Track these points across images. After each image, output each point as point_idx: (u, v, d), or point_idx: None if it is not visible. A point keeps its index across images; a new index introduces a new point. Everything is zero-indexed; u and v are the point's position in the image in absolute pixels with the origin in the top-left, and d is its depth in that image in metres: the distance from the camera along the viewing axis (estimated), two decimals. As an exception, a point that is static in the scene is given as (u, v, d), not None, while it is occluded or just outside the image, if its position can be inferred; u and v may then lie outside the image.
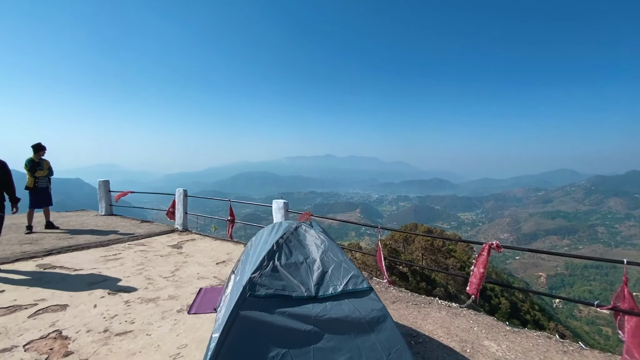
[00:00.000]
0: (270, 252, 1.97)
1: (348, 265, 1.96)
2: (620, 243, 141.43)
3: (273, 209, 6.15)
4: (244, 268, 2.16)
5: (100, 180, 10.53)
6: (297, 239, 2.16)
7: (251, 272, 1.87)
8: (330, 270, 1.91)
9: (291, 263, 1.92)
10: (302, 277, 1.86)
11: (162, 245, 6.68)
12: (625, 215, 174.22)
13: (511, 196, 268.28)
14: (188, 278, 4.78)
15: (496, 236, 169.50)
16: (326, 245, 2.09)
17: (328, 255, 2.00)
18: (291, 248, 2.04)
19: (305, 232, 2.25)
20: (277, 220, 6.08)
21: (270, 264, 1.90)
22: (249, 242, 2.99)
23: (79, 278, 4.65)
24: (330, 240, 2.20)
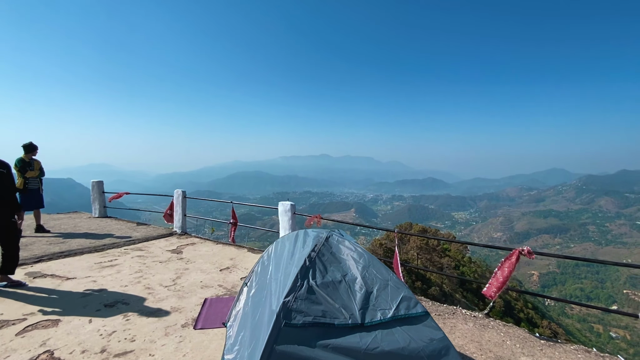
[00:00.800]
0: (303, 269, 1.67)
1: (396, 284, 1.67)
2: (611, 241, 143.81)
3: (279, 212, 5.84)
4: (269, 287, 1.85)
5: (93, 180, 10.10)
6: (330, 251, 1.87)
7: (283, 294, 1.57)
8: (375, 290, 1.63)
9: (328, 282, 1.63)
10: (344, 300, 1.57)
11: (160, 250, 6.32)
12: (615, 214, 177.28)
13: (504, 195, 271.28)
14: (191, 287, 4.45)
15: (489, 235, 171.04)
16: (366, 259, 1.81)
17: (370, 272, 1.71)
18: (325, 263, 1.75)
19: (339, 243, 1.95)
20: (284, 224, 5.77)
21: (304, 283, 1.60)
22: (265, 253, 2.68)
23: (72, 288, 4.29)
24: (369, 254, 1.91)
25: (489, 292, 3.40)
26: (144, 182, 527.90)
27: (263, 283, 2.32)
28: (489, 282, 3.44)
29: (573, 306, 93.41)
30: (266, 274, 2.38)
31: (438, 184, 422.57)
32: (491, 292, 3.37)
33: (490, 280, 3.43)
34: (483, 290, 3.46)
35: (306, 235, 2.15)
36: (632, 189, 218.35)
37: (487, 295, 3.43)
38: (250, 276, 2.93)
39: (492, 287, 3.36)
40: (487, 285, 3.43)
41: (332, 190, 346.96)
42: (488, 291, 3.40)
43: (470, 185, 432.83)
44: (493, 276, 3.40)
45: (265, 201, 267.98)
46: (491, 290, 3.36)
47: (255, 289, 2.51)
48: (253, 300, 2.41)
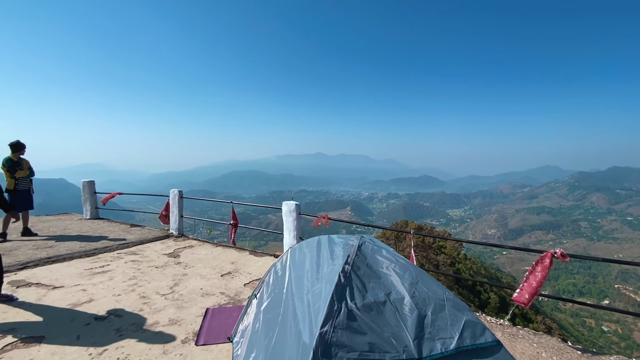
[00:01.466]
0: (339, 287, 1.34)
1: (455, 305, 1.36)
2: (602, 237, 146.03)
3: (283, 212, 5.50)
4: (290, 305, 1.52)
5: (84, 180, 9.65)
6: (366, 263, 1.54)
7: (317, 322, 1.24)
8: (430, 313, 1.31)
9: (370, 304, 1.30)
10: (392, 327, 1.25)
11: (156, 253, 5.94)
12: (606, 210, 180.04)
13: (498, 193, 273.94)
14: (190, 295, 4.10)
15: (484, 232, 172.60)
16: (412, 272, 1.49)
17: (420, 289, 1.39)
18: (363, 279, 1.42)
19: (374, 252, 1.63)
20: (289, 225, 5.44)
21: (342, 307, 1.28)
22: (279, 262, 2.35)
23: (59, 298, 3.90)
24: (415, 265, 1.60)
25: (520, 298, 3.09)
26: (137, 182, 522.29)
27: (279, 298, 2.00)
28: (520, 288, 3.15)
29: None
30: (282, 286, 2.05)
31: (433, 182, 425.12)
32: (523, 298, 3.06)
33: (521, 285, 3.14)
34: (513, 297, 3.17)
35: (331, 242, 1.83)
36: (622, 185, 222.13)
37: (518, 302, 3.14)
38: (261, 287, 2.59)
39: (523, 294, 3.07)
40: (518, 291, 3.14)
41: (327, 188, 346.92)
42: (520, 298, 3.10)
43: (465, 182, 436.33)
44: (524, 281, 3.11)
45: (261, 200, 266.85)
46: (523, 296, 3.06)
47: (268, 302, 2.18)
48: (265, 315, 2.08)
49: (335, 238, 1.86)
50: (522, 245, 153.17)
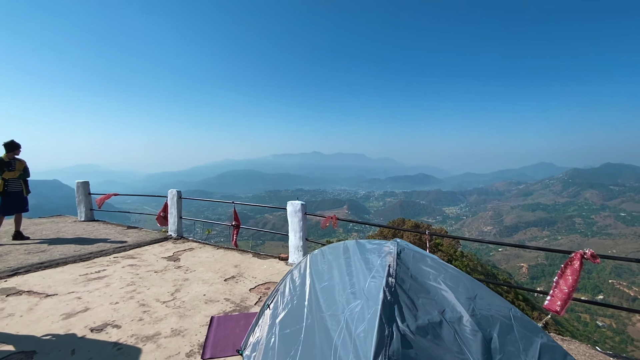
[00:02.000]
0: (386, 306, 1.12)
1: (525, 324, 1.14)
2: (597, 233, 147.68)
3: (288, 213, 5.27)
4: (318, 324, 1.30)
5: (78, 181, 9.34)
6: (409, 274, 1.32)
7: (368, 353, 1.01)
8: (495, 334, 1.09)
9: (424, 326, 1.08)
10: (454, 354, 1.03)
11: (155, 257, 5.68)
12: (600, 206, 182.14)
13: (493, 190, 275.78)
14: (193, 302, 3.86)
15: (480, 229, 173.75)
16: (466, 285, 1.27)
17: (480, 305, 1.18)
18: (409, 294, 1.21)
19: (417, 260, 1.41)
20: (294, 225, 5.20)
21: (394, 332, 1.05)
22: (296, 270, 2.12)
23: (52, 308, 3.65)
24: (468, 276, 1.38)
25: (552, 306, 2.88)
26: (133, 183, 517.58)
27: (298, 311, 1.78)
28: (551, 294, 2.94)
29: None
30: (302, 298, 1.83)
31: (429, 180, 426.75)
32: (555, 306, 2.85)
33: (552, 291, 2.93)
34: (545, 304, 2.97)
35: (362, 249, 1.61)
36: (616, 181, 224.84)
37: (550, 310, 2.94)
38: (275, 296, 2.36)
39: (555, 300, 2.86)
40: (550, 298, 2.94)
41: (324, 187, 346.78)
42: (551, 305, 2.89)
43: (461, 180, 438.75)
44: (554, 286, 2.91)
45: (258, 199, 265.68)
46: (555, 304, 2.86)
47: (285, 315, 1.96)
48: (282, 330, 1.86)
49: (366, 244, 1.64)
50: (517, 241, 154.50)
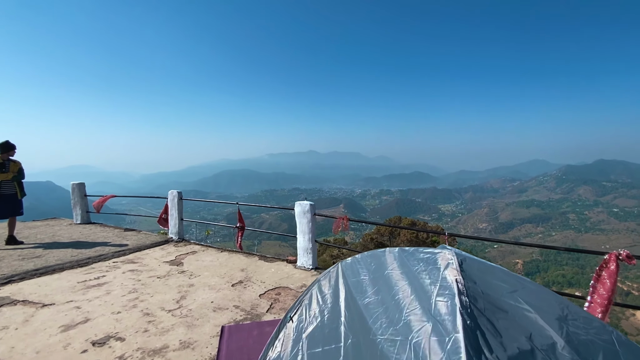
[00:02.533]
0: (468, 333, 0.92)
1: (632, 351, 0.96)
2: (590, 229, 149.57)
3: (296, 213, 5.06)
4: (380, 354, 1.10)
5: (73, 183, 9.03)
6: (478, 290, 1.13)
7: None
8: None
9: (516, 356, 0.89)
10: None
11: (156, 261, 5.44)
12: (593, 202, 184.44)
13: (488, 187, 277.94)
14: (201, 310, 3.64)
15: (475, 226, 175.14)
16: (552, 302, 1.08)
17: (575, 328, 0.99)
18: (487, 315, 1.02)
19: (482, 272, 1.22)
20: (303, 227, 4.99)
21: (483, 365, 0.86)
22: (325, 280, 1.92)
23: (49, 319, 3.41)
24: (549, 291, 1.19)
25: (593, 312, 2.67)
26: (127, 183, 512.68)
27: (333, 329, 1.58)
28: (590, 300, 2.75)
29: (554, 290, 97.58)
30: (337, 314, 1.64)
31: (424, 178, 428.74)
32: (596, 312, 2.66)
33: (590, 297, 2.75)
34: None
35: (409, 258, 1.41)
36: (608, 177, 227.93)
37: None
38: (298, 308, 2.16)
39: (595, 306, 2.68)
40: (589, 305, 2.75)
41: (320, 186, 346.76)
42: (592, 311, 2.67)
43: (456, 177, 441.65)
44: (592, 291, 2.72)
45: (254, 199, 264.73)
46: (595, 310, 2.67)
47: (314, 330, 1.77)
48: (312, 348, 1.66)
49: (415, 252, 1.44)
50: (512, 238, 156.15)
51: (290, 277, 4.62)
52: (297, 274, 4.75)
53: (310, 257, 4.90)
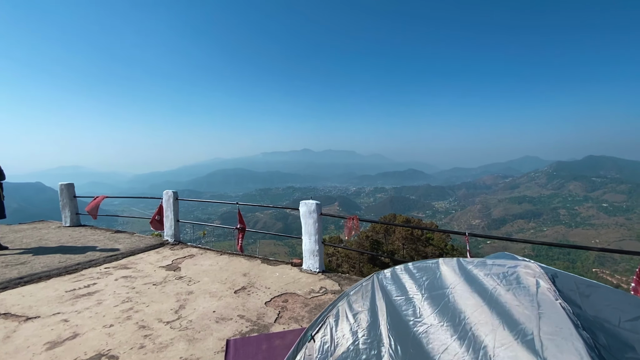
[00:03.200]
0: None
1: None
2: (580, 224, 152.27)
3: (302, 214, 4.76)
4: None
5: (61, 183, 8.59)
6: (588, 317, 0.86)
7: None
8: None
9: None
10: None
11: (152, 266, 5.10)
12: (583, 197, 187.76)
13: (481, 184, 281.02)
14: (202, 321, 3.33)
15: (468, 223, 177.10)
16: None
17: None
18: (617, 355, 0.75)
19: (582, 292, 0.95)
20: (309, 228, 4.70)
21: None
22: (358, 296, 1.64)
23: (33, 335, 3.07)
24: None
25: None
26: (119, 184, 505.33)
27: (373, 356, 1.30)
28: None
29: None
30: (377, 339, 1.37)
31: (418, 175, 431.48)
32: None
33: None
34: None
35: (479, 272, 1.14)
36: (598, 173, 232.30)
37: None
38: (321, 326, 1.88)
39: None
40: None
41: (315, 184, 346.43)
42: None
43: (449, 175, 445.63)
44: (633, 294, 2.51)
45: (249, 198, 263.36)
46: None
47: (342, 356, 1.49)
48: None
49: (480, 264, 1.17)
50: (504, 234, 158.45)
51: (297, 281, 4.33)
52: (303, 278, 4.46)
53: (317, 260, 4.61)
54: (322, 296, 3.86)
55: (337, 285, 4.19)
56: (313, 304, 3.65)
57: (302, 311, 3.48)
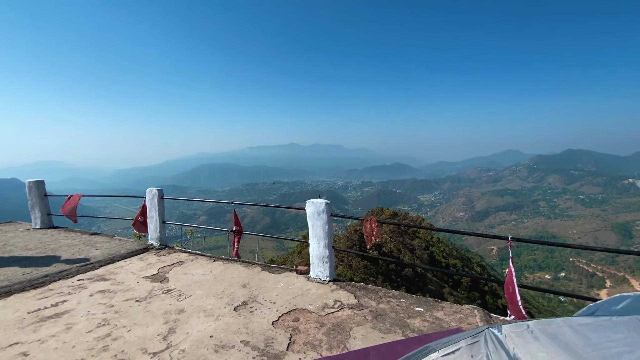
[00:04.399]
0: None
1: None
2: (559, 215, 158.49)
3: (309, 214, 4.17)
4: None
5: (30, 180, 7.69)
6: None
7: None
8: None
9: None
10: None
11: (134, 277, 4.41)
12: (562, 190, 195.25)
13: (465, 177, 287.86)
14: (197, 351, 2.72)
15: (453, 215, 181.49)
16: None
17: None
18: None
19: None
20: (318, 231, 4.11)
21: None
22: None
23: (-21, 378, 2.40)
24: None
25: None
26: (100, 180, 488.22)
27: None
28: None
29: (528, 274, 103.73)
30: None
31: (404, 169, 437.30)
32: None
33: None
34: None
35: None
36: (575, 166, 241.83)
37: None
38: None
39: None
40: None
41: (302, 179, 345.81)
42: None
43: (434, 168, 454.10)
44: None
45: (235, 193, 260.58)
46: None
47: None
48: None
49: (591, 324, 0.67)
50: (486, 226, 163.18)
51: (306, 294, 3.76)
52: (313, 289, 3.89)
53: (327, 268, 4.05)
54: (338, 312, 3.31)
55: (353, 297, 3.65)
56: (330, 323, 3.10)
57: (319, 333, 2.93)
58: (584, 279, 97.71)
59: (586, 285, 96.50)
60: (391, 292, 3.74)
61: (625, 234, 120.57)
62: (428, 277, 41.24)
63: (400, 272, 34.25)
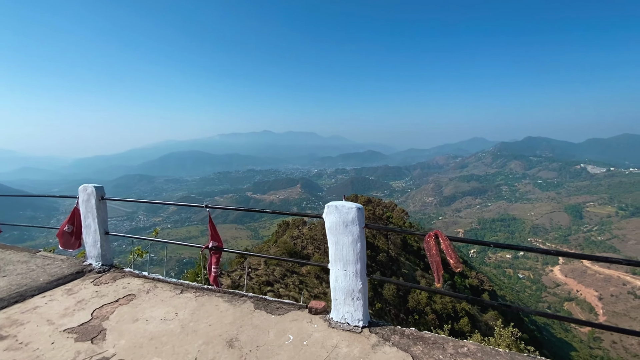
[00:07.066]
0: None
1: None
2: (519, 199, 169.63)
3: (328, 226, 2.70)
4: None
5: None
6: None
7: None
8: None
9: None
10: None
11: (50, 329, 2.73)
12: (522, 175, 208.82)
13: (434, 164, 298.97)
14: None
15: (423, 201, 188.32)
16: None
17: None
18: None
19: None
20: (345, 250, 2.65)
21: None
22: None
23: None
24: None
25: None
26: (58, 169, 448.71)
27: None
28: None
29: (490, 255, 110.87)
30: None
31: (377, 156, 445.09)
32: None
33: None
34: None
35: None
36: (534, 152, 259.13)
37: None
38: None
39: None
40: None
41: (276, 167, 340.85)
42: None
43: (405, 155, 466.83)
44: None
45: (206, 182, 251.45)
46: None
47: None
48: None
49: None
50: (453, 210, 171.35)
51: (333, 357, 2.33)
52: (342, 345, 2.46)
53: (359, 306, 2.63)
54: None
55: (409, 358, 2.28)
56: None
57: None
58: (540, 256, 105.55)
59: (541, 263, 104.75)
60: (464, 344, 2.40)
61: (577, 215, 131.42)
62: (401, 260, 41.68)
63: (375, 257, 34.08)
